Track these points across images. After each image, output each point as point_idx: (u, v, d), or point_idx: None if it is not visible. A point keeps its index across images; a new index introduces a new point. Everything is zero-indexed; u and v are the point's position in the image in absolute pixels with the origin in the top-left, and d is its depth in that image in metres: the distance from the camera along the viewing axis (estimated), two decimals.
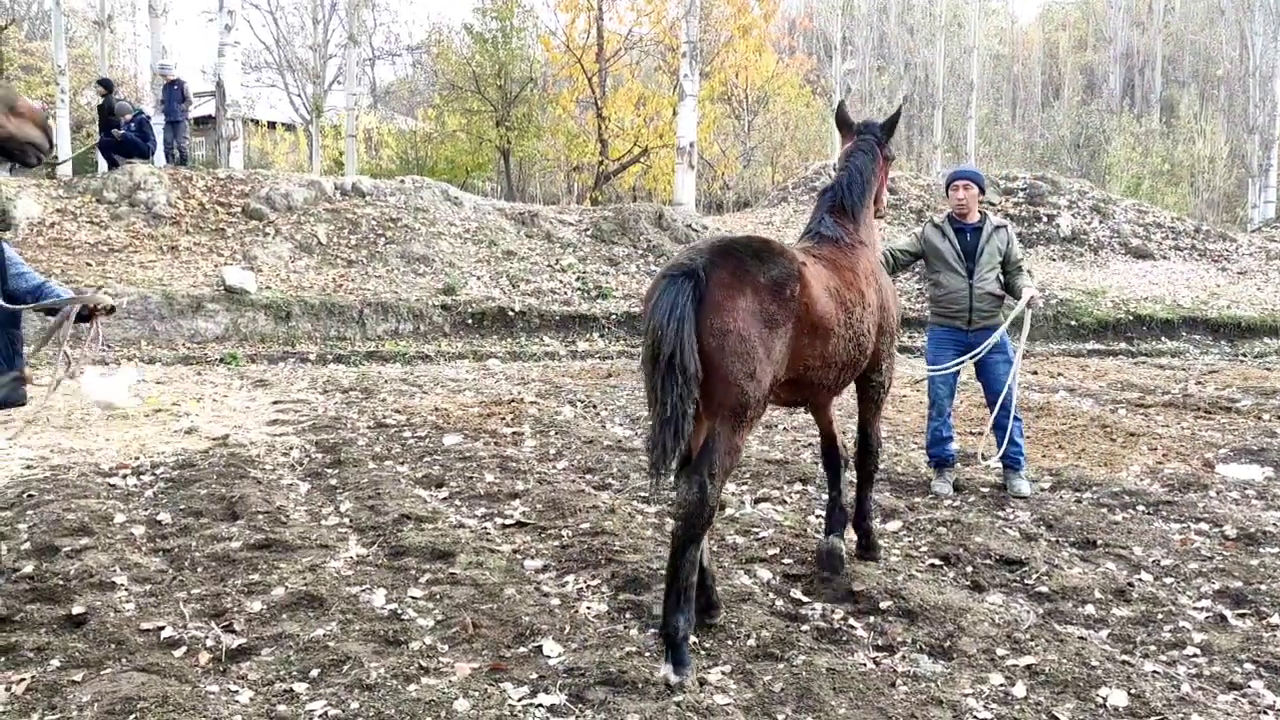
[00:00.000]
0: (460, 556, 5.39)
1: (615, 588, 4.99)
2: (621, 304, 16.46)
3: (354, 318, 15.08)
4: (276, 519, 6.06)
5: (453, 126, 31.17)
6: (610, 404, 10.10)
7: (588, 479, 7.18)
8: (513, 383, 11.72)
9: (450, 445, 8.12)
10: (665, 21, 27.40)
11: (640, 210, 19.82)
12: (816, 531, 5.84)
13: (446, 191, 19.16)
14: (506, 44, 28.65)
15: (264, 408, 9.88)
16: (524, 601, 4.79)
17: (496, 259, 17.43)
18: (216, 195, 17.12)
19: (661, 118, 27.11)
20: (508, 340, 15.29)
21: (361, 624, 4.49)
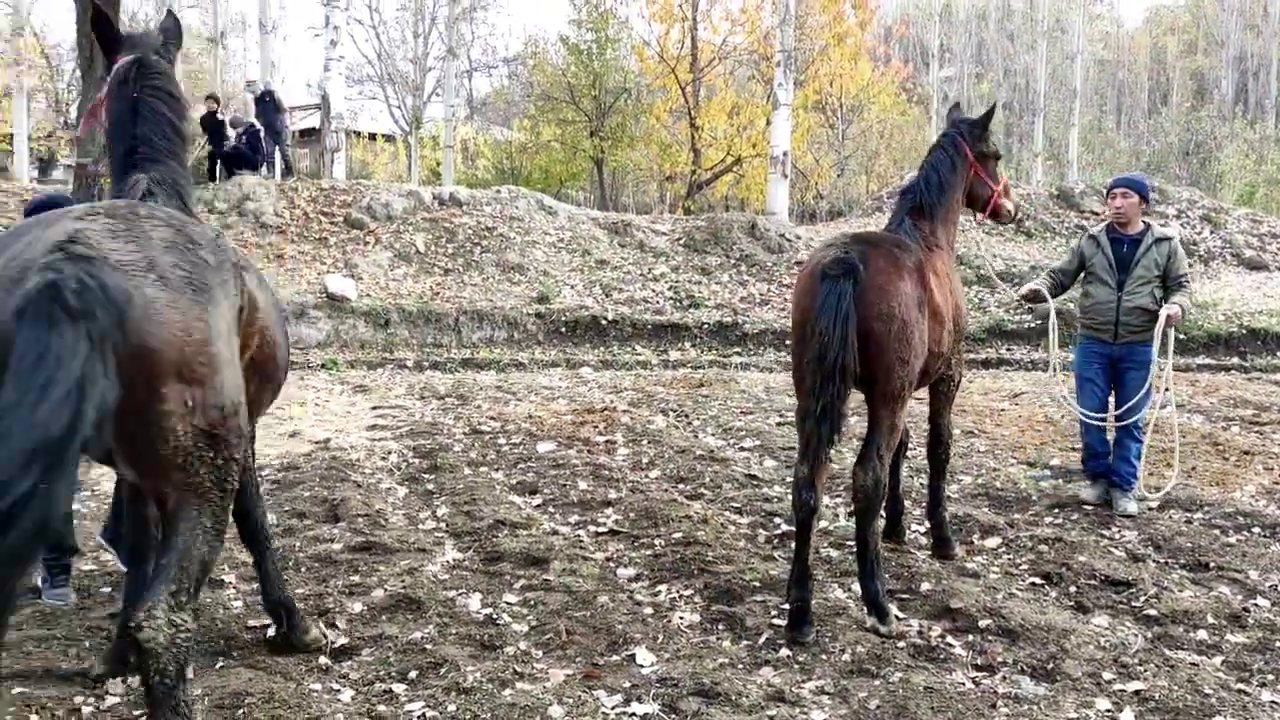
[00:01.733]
0: (554, 563, 5.44)
1: (708, 598, 4.98)
2: (713, 314, 16.43)
3: (450, 325, 15.35)
4: (376, 522, 6.20)
5: (547, 137, 31.54)
6: (702, 414, 10.08)
7: (680, 488, 7.18)
8: (605, 391, 11.79)
9: (544, 452, 8.21)
10: (760, 31, 27.29)
11: (733, 220, 19.77)
12: (911, 547, 5.74)
13: (541, 201, 19.39)
14: (601, 55, 28.89)
15: (364, 413, 10.12)
16: (617, 610, 4.82)
17: (590, 268, 17.57)
18: (320, 205, 17.61)
19: (755, 127, 27.00)
20: (600, 349, 15.39)
21: (458, 628, 4.57)
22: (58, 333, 2.43)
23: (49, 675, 3.95)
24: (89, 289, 2.50)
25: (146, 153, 3.67)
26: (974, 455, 8.01)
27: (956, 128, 5.44)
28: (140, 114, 3.70)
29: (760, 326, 16.08)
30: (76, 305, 2.47)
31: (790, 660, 4.23)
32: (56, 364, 2.41)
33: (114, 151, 3.79)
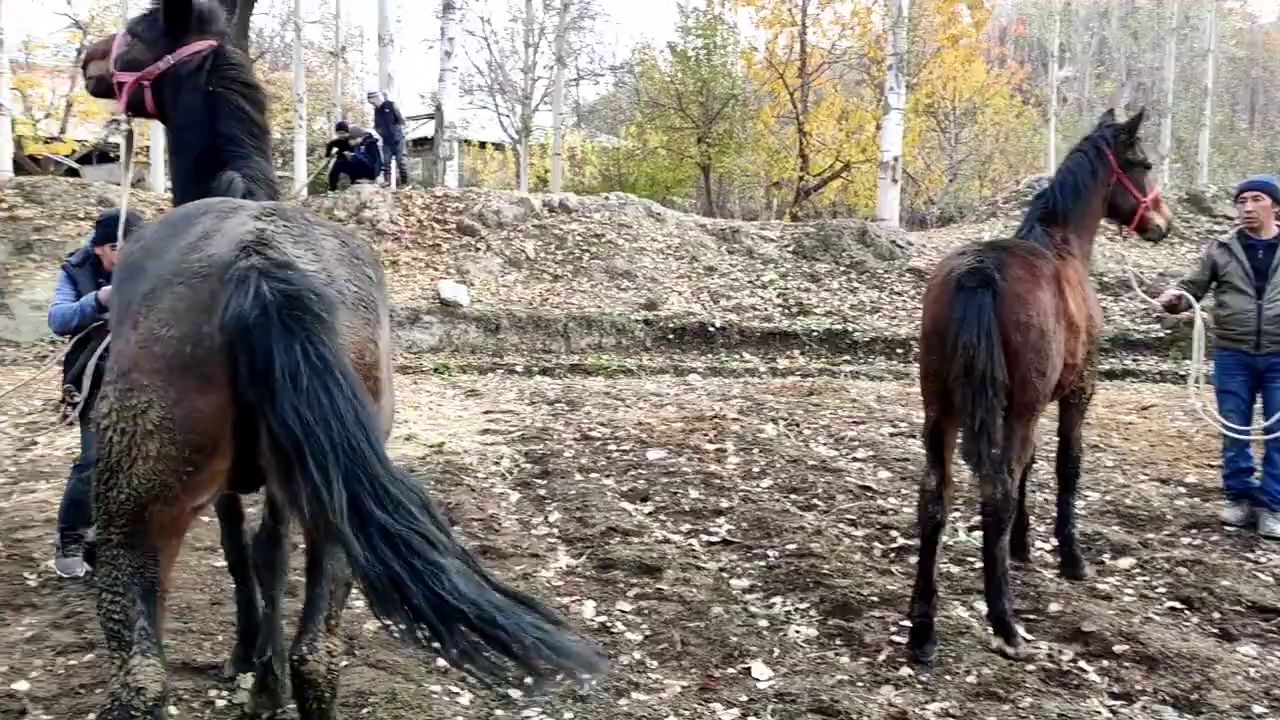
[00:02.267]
0: (667, 572, 5.40)
1: (824, 612, 4.88)
2: (823, 321, 16.19)
3: (559, 331, 15.48)
4: (490, 527, 6.25)
5: (654, 143, 31.64)
6: (813, 423, 9.92)
7: (792, 499, 7.06)
8: (714, 399, 11.71)
9: (654, 460, 8.18)
10: (870, 34, 26.89)
11: (843, 226, 19.48)
12: (1036, 565, 5.52)
13: (649, 208, 19.43)
14: (709, 61, 28.85)
15: (475, 417, 10.26)
16: (731, 621, 4.75)
17: (698, 274, 17.51)
18: (434, 213, 17.97)
19: (864, 132, 26.60)
20: (708, 355, 15.31)
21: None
22: (324, 344, 2.32)
23: (185, 668, 4.07)
24: (326, 299, 2.40)
25: (235, 150, 3.40)
26: (1100, 470, 7.68)
27: (1101, 132, 5.20)
28: (221, 110, 3.42)
29: (871, 334, 15.79)
30: (326, 317, 2.36)
31: (912, 680, 4.10)
32: (331, 366, 2.30)
33: (183, 142, 3.52)
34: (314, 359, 2.28)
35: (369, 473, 2.22)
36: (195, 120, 3.45)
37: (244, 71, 3.56)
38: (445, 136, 21.86)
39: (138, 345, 2.41)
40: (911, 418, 10.09)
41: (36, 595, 4.91)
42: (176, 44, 3.49)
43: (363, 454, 2.24)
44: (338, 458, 2.21)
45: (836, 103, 27.80)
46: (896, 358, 15.31)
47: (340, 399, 2.27)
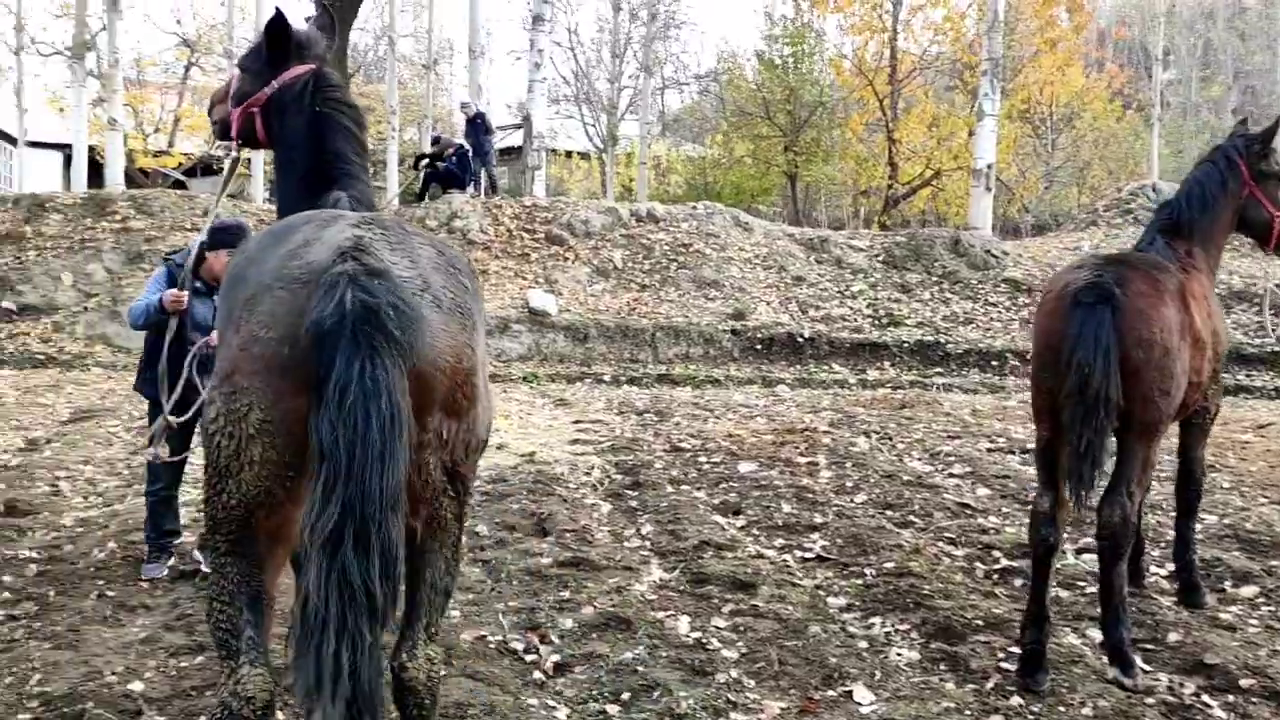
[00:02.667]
0: (762, 588, 5.33)
1: (926, 634, 4.75)
2: (914, 332, 15.91)
3: (646, 340, 15.49)
4: (582, 538, 6.25)
5: (740, 152, 31.51)
6: (907, 436, 9.73)
7: (888, 515, 6.92)
8: (803, 410, 11.58)
9: (745, 473, 8.10)
10: (964, 39, 26.38)
11: (935, 235, 19.14)
12: (1152, 591, 5.31)
13: (737, 217, 19.35)
14: (797, 69, 28.65)
15: (565, 426, 10.30)
16: (830, 641, 4.66)
17: (786, 284, 17.38)
18: (523, 222, 18.16)
19: (956, 139, 26.10)
20: (796, 366, 15.17)
21: (668, 650, 4.52)
22: (383, 366, 2.30)
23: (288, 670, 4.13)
24: (404, 315, 2.38)
25: (344, 168, 3.49)
26: (1217, 492, 7.36)
27: (1232, 141, 4.97)
28: (328, 128, 3.52)
29: (964, 346, 15.46)
30: (398, 334, 2.35)
31: (1023, 710, 3.96)
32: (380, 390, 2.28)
33: (290, 162, 3.61)
34: (367, 379, 2.27)
35: (364, 511, 2.23)
36: (301, 140, 3.57)
37: (344, 92, 3.68)
38: (534, 146, 22.08)
39: (239, 348, 2.46)
40: (1010, 433, 9.84)
41: (149, 597, 5.05)
42: (279, 71, 3.64)
43: (367, 489, 2.24)
44: (345, 484, 2.23)
45: (927, 109, 27.33)
46: (991, 370, 14.96)
47: (375, 426, 2.26)
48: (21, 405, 10.62)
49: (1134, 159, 30.93)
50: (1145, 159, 29.17)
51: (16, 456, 8.15)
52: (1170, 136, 33.70)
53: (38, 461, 7.90)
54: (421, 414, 2.48)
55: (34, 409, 10.45)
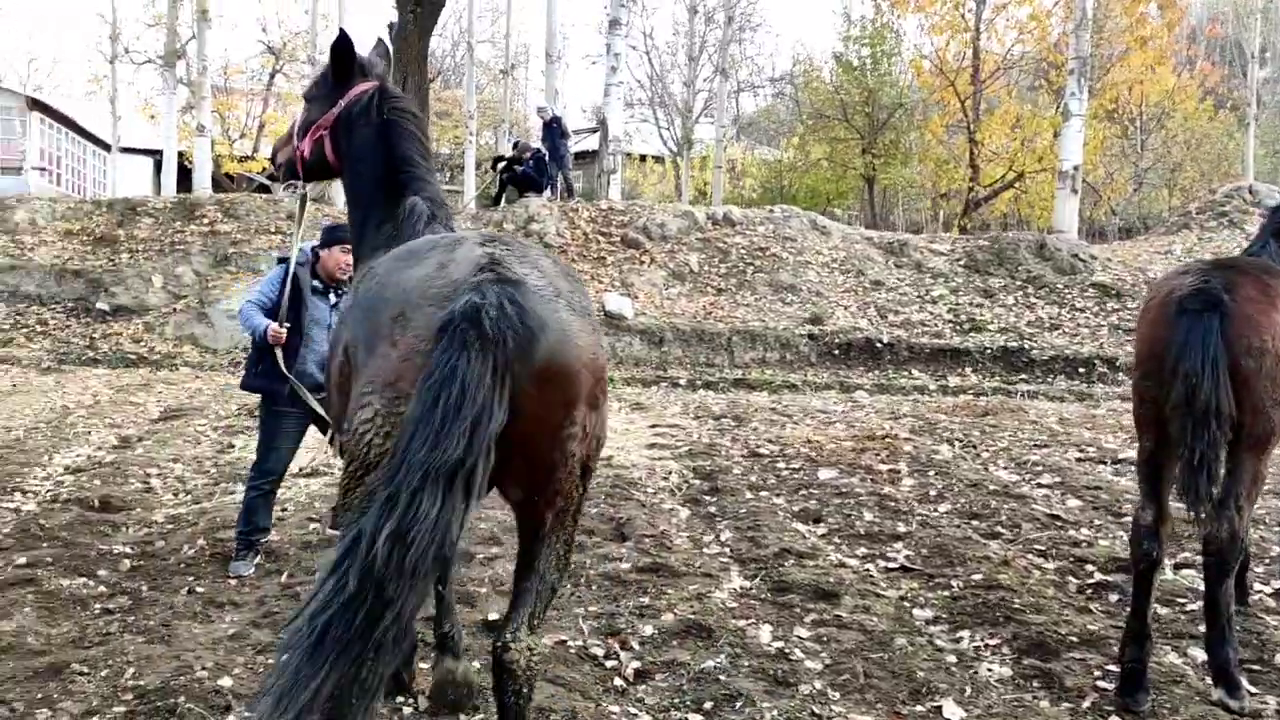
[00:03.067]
0: (845, 598, 5.23)
1: (1018, 650, 4.60)
2: (997, 338, 15.56)
3: (723, 345, 15.40)
4: (661, 543, 6.21)
5: (816, 155, 31.22)
6: (991, 445, 9.50)
7: (974, 525, 6.75)
8: (883, 417, 11.39)
9: (825, 479, 7.98)
10: (1049, 38, 25.77)
11: (1019, 239, 18.71)
12: (1257, 610, 5.08)
13: (814, 221, 19.16)
14: (876, 70, 28.29)
15: (642, 431, 10.27)
16: (917, 654, 4.54)
17: (864, 288, 17.14)
18: (599, 225, 18.20)
19: (1040, 140, 25.51)
20: (875, 372, 14.94)
21: (750, 660, 4.45)
22: (466, 358, 2.45)
23: None
24: (505, 315, 2.53)
25: (412, 172, 3.71)
26: None
27: None
28: (396, 136, 3.74)
29: (1050, 353, 15.07)
30: (490, 332, 2.49)
31: None
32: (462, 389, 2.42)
33: (359, 174, 3.81)
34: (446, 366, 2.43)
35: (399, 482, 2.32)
36: (371, 149, 3.76)
37: (409, 101, 3.90)
38: (609, 150, 22.14)
39: (399, 360, 2.64)
40: (1100, 442, 9.55)
41: (236, 594, 5.14)
42: (346, 89, 3.85)
43: (410, 464, 2.34)
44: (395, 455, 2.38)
45: (1010, 110, 26.75)
46: (1079, 378, 14.56)
47: (439, 408, 2.38)
48: (115, 404, 10.94)
49: (1228, 160, 29.90)
50: (1240, 160, 28.19)
51: (111, 454, 8.38)
52: (1266, 136, 32.51)
53: (130, 459, 8.11)
54: (570, 408, 2.67)
55: (126, 407, 10.75)
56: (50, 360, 14.09)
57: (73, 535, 5.95)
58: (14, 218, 17.61)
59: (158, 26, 28.43)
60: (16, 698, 3.85)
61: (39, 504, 6.73)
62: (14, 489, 7.05)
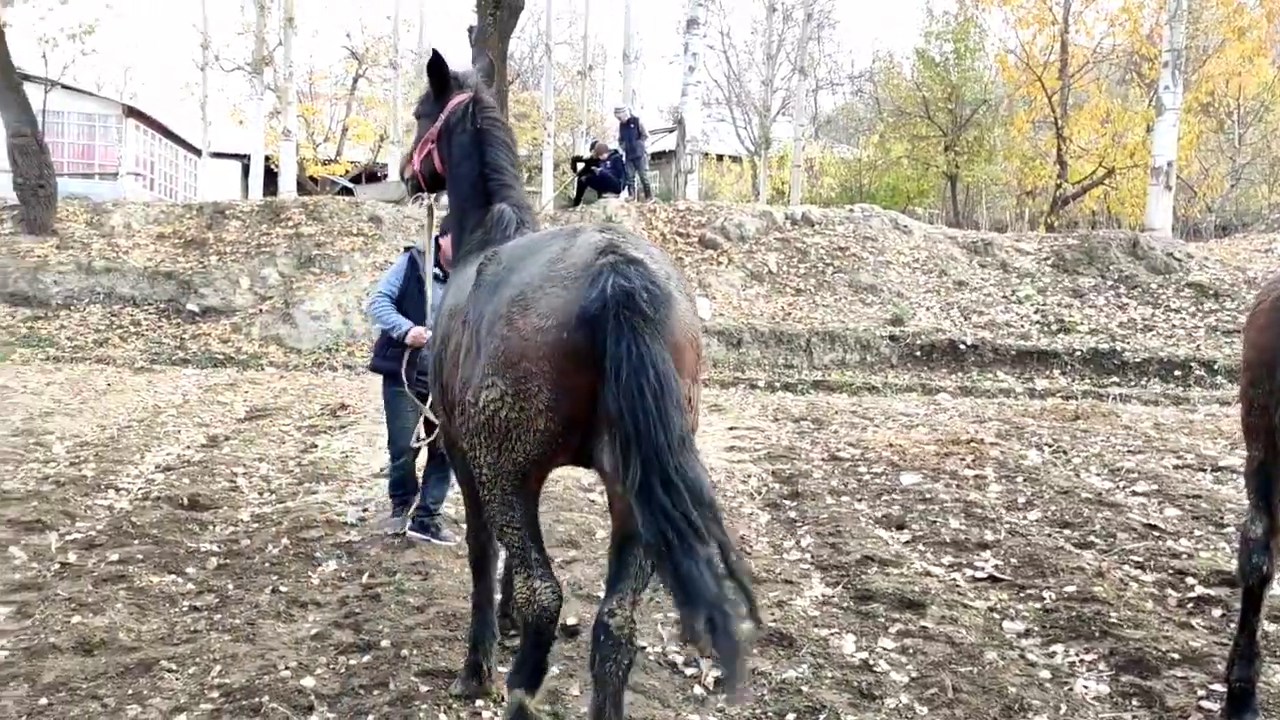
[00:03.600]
0: (931, 609, 5.07)
1: (1115, 667, 4.41)
2: (1087, 339, 15.10)
3: (801, 346, 15.22)
4: (741, 548, 6.11)
5: (897, 153, 30.73)
6: (1083, 450, 9.19)
7: (1066, 534, 6.51)
8: (967, 420, 11.11)
9: (908, 484, 7.79)
10: (1141, 30, 24.97)
11: (1111, 237, 18.15)
12: None
13: (896, 220, 18.84)
14: (960, 65, 27.73)
15: (720, 433, 10.17)
16: (1008, 669, 4.38)
17: (946, 289, 16.79)
18: (676, 226, 18.14)
19: (1131, 135, 24.73)
20: (958, 374, 14.61)
21: (832, 670, 4.34)
22: (644, 342, 2.75)
23: (451, 675, 4.14)
24: (654, 296, 2.81)
25: (499, 179, 4.09)
26: None
27: None
28: (487, 144, 4.13)
29: (1144, 355, 14.57)
30: (649, 312, 2.78)
31: None
32: (657, 372, 2.73)
33: (459, 176, 4.20)
34: (634, 355, 2.73)
35: (660, 461, 2.65)
36: (466, 156, 4.16)
37: (500, 112, 4.31)
38: (687, 150, 22.08)
39: (522, 339, 2.95)
40: (1199, 449, 9.18)
41: (319, 593, 5.18)
42: (445, 102, 4.28)
43: (658, 445, 2.66)
44: (639, 444, 2.67)
45: (1100, 104, 25.99)
46: (1174, 381, 14.05)
47: (649, 394, 2.70)
48: (203, 403, 11.21)
49: None
50: None
51: (199, 452, 8.57)
52: None
53: (217, 458, 8.28)
54: (684, 372, 2.94)
55: (214, 407, 11.01)
56: (143, 360, 14.52)
57: (162, 533, 6.07)
58: (110, 221, 18.21)
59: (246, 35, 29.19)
60: (109, 693, 3.93)
61: (131, 501, 6.90)
62: (109, 486, 7.24)
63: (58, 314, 15.91)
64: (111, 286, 16.51)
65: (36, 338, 15.05)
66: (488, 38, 18.45)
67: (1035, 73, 25.64)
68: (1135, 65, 26.79)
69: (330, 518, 6.55)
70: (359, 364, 14.63)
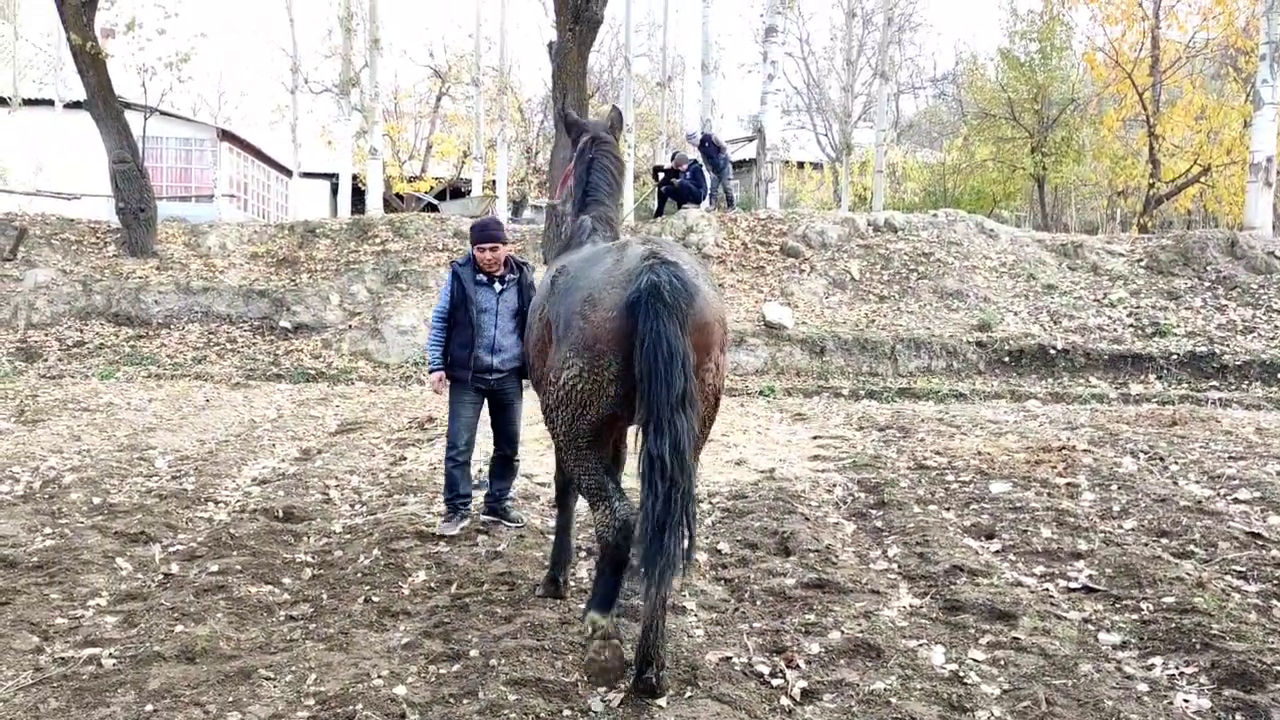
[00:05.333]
0: (1023, 620, 4.97)
1: (1217, 680, 4.27)
2: (1184, 343, 14.63)
3: (885, 353, 15.03)
4: (826, 558, 6.06)
5: (982, 156, 30.19)
6: (1181, 457, 8.90)
7: (1163, 544, 6.32)
8: (1058, 427, 10.85)
9: (998, 493, 7.64)
10: (1237, 23, 24.14)
11: (1207, 237, 17.56)
12: None
13: (981, 224, 18.50)
14: (1046, 65, 27.13)
15: (804, 442, 10.10)
16: (1103, 682, 4.27)
17: (1035, 293, 16.42)
18: (757, 235, 18.09)
19: (1228, 131, 23.90)
20: (1048, 380, 14.28)
21: (921, 682, 4.29)
22: (663, 322, 3.77)
23: (538, 684, 4.20)
24: (675, 288, 3.83)
25: (594, 196, 5.28)
26: None
27: None
28: (593, 169, 5.32)
29: (1245, 358, 14.06)
30: (669, 300, 3.80)
31: None
32: (669, 345, 3.75)
33: (575, 196, 5.39)
34: (653, 331, 3.76)
35: (659, 411, 3.76)
36: (580, 179, 5.37)
37: (612, 148, 5.42)
38: (767, 159, 22.00)
39: (593, 328, 3.98)
40: None
41: (410, 603, 5.29)
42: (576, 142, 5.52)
43: (661, 399, 3.75)
44: (651, 395, 3.77)
45: (1195, 100, 25.18)
46: (1278, 385, 13.52)
47: (660, 361, 3.74)
48: (296, 417, 11.52)
49: None
50: None
51: (293, 465, 8.81)
52: None
53: (311, 470, 8.51)
54: (709, 351, 4.04)
55: (307, 421, 11.31)
56: (239, 376, 14.98)
57: (259, 544, 6.26)
58: (206, 242, 18.86)
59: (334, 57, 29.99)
60: (209, 700, 4.06)
61: (229, 514, 7.13)
62: (208, 499, 7.49)
63: (158, 333, 16.51)
64: (209, 305, 17.07)
65: (139, 356, 15.65)
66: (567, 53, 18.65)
67: (1125, 70, 24.96)
68: (1231, 59, 25.88)
69: (420, 529, 6.68)
70: None
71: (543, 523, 6.89)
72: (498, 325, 6.45)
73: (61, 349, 15.78)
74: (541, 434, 6.04)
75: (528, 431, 9.73)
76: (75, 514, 6.93)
